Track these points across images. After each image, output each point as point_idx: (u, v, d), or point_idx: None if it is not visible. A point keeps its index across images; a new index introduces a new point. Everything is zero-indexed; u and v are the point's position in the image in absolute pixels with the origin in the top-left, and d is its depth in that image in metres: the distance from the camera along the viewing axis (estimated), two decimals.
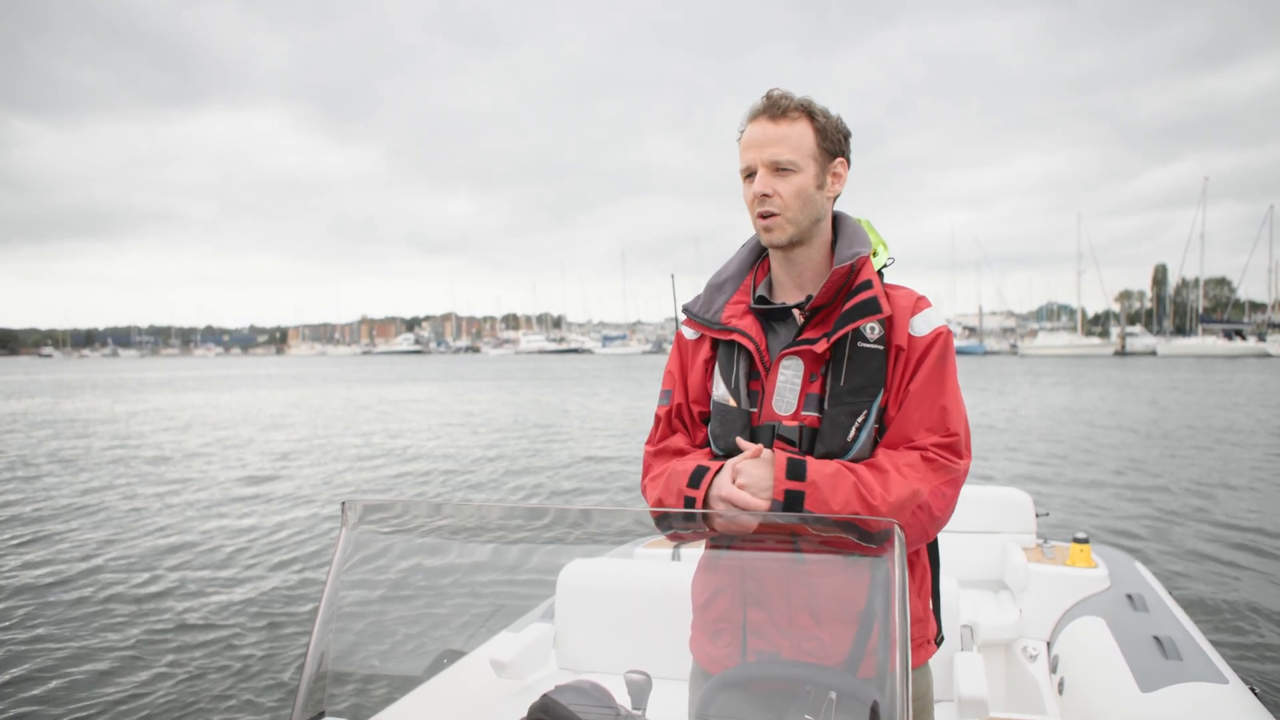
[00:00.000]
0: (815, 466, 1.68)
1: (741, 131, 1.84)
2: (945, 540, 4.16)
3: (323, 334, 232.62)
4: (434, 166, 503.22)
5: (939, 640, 1.93)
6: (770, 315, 1.88)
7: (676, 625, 1.96)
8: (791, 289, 1.90)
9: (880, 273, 1.87)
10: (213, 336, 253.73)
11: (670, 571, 3.14)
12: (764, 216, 1.80)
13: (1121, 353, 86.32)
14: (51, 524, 9.90)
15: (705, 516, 1.73)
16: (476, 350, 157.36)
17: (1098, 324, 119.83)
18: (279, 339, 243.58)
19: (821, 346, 1.77)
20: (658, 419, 1.99)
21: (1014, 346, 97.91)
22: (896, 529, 1.43)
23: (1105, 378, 42.60)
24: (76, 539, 9.14)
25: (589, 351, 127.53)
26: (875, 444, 1.79)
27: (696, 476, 1.75)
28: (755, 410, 1.82)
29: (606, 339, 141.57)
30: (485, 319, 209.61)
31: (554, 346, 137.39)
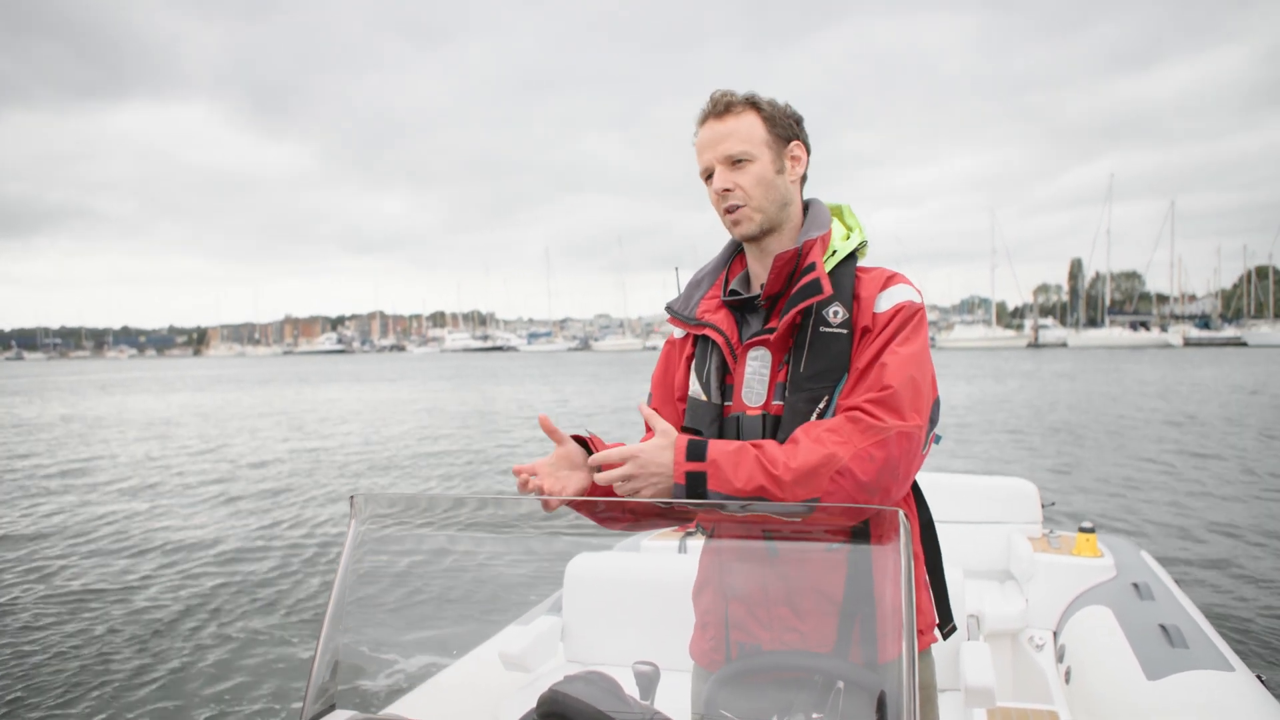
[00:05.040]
0: (717, 446, 1.65)
1: (695, 138, 1.85)
2: (951, 530, 4.10)
3: (243, 334, 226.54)
4: (370, 164, 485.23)
5: (951, 631, 1.89)
6: (744, 308, 1.87)
7: (683, 617, 1.97)
8: (765, 280, 1.87)
9: (854, 255, 1.83)
10: (127, 338, 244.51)
11: (677, 563, 3.16)
12: (730, 210, 1.80)
13: (1035, 344, 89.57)
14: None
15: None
16: (402, 349, 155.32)
17: (1017, 316, 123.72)
18: (197, 340, 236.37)
19: (776, 334, 1.75)
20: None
21: (932, 339, 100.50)
22: (901, 516, 1.38)
23: (1013, 369, 44.17)
24: (64, 547, 8.77)
25: (514, 349, 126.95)
26: None
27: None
28: (729, 403, 1.81)
29: (532, 336, 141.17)
30: (412, 317, 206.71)
31: (479, 344, 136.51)
